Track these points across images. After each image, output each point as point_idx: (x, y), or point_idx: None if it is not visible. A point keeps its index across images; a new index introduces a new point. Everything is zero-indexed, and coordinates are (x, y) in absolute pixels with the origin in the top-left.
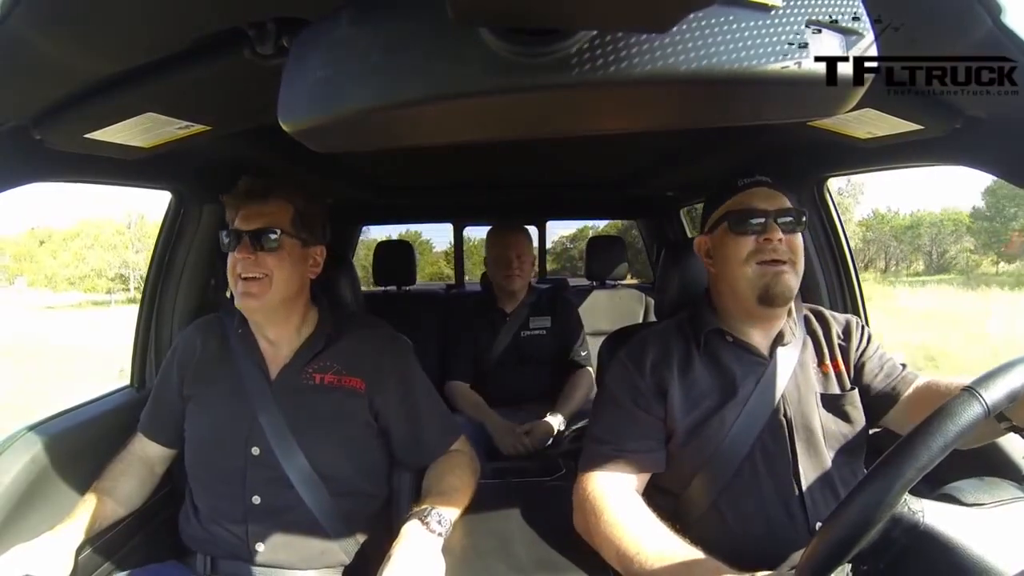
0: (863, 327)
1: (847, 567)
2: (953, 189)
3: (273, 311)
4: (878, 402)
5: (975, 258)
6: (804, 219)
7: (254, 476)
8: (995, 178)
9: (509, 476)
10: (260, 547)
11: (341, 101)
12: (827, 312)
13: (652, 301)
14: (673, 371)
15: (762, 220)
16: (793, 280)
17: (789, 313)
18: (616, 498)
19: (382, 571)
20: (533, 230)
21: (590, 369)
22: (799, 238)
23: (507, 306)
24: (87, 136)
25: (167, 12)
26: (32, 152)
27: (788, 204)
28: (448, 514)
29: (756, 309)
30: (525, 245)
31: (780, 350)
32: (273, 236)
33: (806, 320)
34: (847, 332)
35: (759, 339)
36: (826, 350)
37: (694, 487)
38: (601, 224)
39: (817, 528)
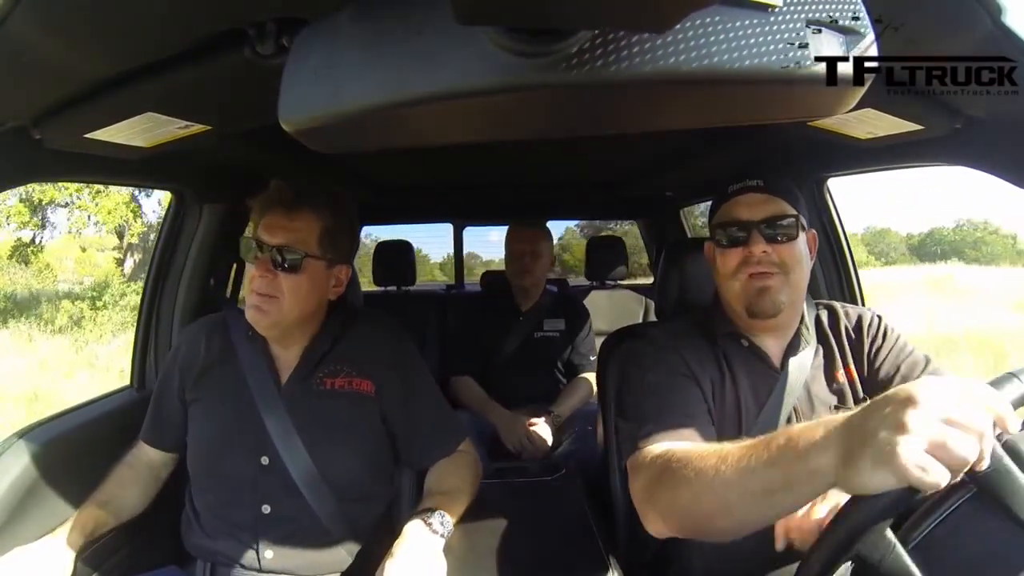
0: (879, 321)
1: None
2: None
3: (283, 330)
4: None
5: None
6: (799, 224)
7: (265, 485)
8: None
9: (510, 476)
10: (269, 554)
11: (341, 101)
12: (839, 308)
13: (652, 301)
14: (693, 369)
15: (745, 231)
16: (782, 294)
17: (802, 318)
18: (685, 446)
19: (384, 569)
20: None
21: (589, 378)
22: (792, 246)
23: (522, 304)
24: (87, 136)
25: (167, 12)
26: (32, 152)
27: (777, 210)
28: (450, 515)
29: (751, 321)
30: (540, 243)
31: (793, 360)
32: (295, 257)
33: (817, 321)
34: (858, 329)
35: (772, 346)
36: (838, 355)
37: None
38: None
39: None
